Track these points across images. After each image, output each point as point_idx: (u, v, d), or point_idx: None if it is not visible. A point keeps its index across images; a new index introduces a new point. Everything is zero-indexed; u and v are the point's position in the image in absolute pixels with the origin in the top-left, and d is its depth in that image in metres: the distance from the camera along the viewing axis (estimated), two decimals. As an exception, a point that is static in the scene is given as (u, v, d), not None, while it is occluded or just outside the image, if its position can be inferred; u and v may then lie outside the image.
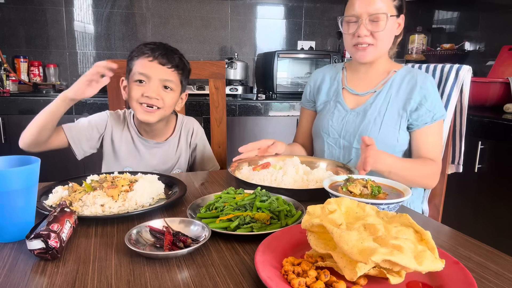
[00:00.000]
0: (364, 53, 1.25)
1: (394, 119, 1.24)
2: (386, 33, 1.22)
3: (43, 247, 0.63)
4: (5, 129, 2.27)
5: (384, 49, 1.26)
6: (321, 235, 0.60)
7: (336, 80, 1.39)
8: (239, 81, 2.92)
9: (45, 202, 0.86)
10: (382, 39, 1.22)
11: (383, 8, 1.19)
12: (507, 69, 2.35)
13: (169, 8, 3.02)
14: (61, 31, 2.87)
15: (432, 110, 1.21)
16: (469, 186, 2.01)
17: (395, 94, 1.26)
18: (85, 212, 0.82)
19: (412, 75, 1.27)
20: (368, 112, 1.27)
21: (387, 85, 1.28)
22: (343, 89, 1.36)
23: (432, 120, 1.21)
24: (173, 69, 1.23)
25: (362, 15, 1.20)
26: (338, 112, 1.33)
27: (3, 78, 2.62)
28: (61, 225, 0.67)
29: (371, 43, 1.23)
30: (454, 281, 0.55)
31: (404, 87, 1.26)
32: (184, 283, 0.58)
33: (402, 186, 0.87)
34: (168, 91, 1.23)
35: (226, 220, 0.75)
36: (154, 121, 1.23)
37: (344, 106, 1.32)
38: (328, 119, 1.34)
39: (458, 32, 2.93)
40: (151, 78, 1.20)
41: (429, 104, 1.21)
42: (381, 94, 1.28)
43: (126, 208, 0.85)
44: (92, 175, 0.98)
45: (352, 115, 1.30)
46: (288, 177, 1.01)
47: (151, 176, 0.98)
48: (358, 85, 1.34)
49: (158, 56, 1.20)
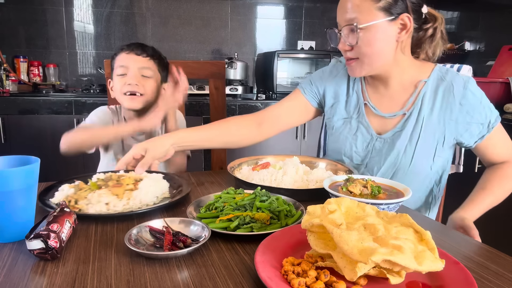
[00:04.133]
0: (350, 69, 1.08)
1: (429, 147, 1.07)
2: (370, 45, 1.00)
3: (42, 247, 0.63)
4: (5, 129, 2.27)
5: (377, 63, 1.04)
6: (321, 235, 0.60)
7: (355, 91, 1.17)
8: (239, 81, 2.92)
9: (52, 200, 0.87)
10: (365, 52, 1.01)
11: (358, 16, 0.98)
12: (507, 69, 2.35)
13: (169, 8, 3.02)
14: (61, 31, 2.87)
15: (484, 120, 1.04)
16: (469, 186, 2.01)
17: (429, 115, 1.06)
18: (90, 210, 0.83)
19: (447, 86, 1.05)
20: (398, 141, 1.08)
21: (417, 104, 1.07)
22: (365, 105, 1.15)
23: (489, 129, 1.05)
24: (149, 58, 1.34)
25: (340, 25, 1.03)
26: (362, 136, 1.14)
27: (3, 78, 2.62)
28: (61, 225, 0.67)
29: (355, 57, 1.04)
30: (454, 281, 0.55)
31: (439, 105, 1.05)
32: (184, 283, 0.58)
33: (402, 186, 0.87)
34: (147, 78, 1.33)
35: (226, 220, 0.75)
36: (139, 107, 1.31)
37: (370, 130, 1.13)
38: (351, 143, 1.16)
39: (458, 32, 2.93)
40: (129, 68, 1.31)
41: (477, 116, 1.04)
42: (412, 118, 1.07)
43: (130, 206, 0.85)
44: (98, 174, 0.99)
45: (379, 142, 1.12)
46: (288, 177, 1.01)
47: (156, 175, 0.99)
48: (381, 103, 1.13)
49: (134, 48, 1.33)
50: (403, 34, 1.02)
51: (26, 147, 2.31)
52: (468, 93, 1.03)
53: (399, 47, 1.04)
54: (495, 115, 1.06)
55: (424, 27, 1.07)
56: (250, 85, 3.22)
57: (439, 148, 1.08)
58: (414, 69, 1.09)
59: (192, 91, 2.66)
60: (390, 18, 0.99)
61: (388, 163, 1.11)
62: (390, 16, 0.99)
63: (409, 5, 1.00)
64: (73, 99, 2.34)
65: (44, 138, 2.33)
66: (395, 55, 1.04)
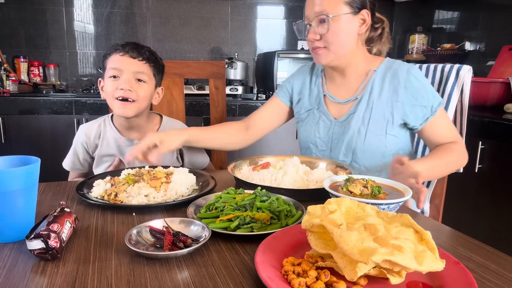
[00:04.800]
0: (317, 57, 1.19)
1: (380, 126, 1.19)
2: (337, 34, 1.14)
3: (43, 247, 0.63)
4: (5, 129, 2.27)
5: (341, 51, 1.17)
6: (321, 235, 0.60)
7: (316, 85, 1.32)
8: (239, 81, 2.92)
9: (91, 194, 0.94)
10: (332, 41, 1.14)
11: (326, 8, 1.12)
12: (507, 69, 2.35)
13: (169, 8, 3.02)
14: (61, 31, 2.87)
15: (428, 104, 1.15)
16: (469, 186, 2.01)
17: (378, 97, 1.19)
18: (132, 202, 0.89)
19: (393, 72, 1.19)
20: (352, 122, 1.21)
21: (367, 89, 1.21)
22: (325, 96, 1.29)
23: (432, 112, 1.16)
24: (144, 62, 1.26)
25: (310, 17, 1.15)
26: (324, 123, 1.28)
27: (3, 78, 2.62)
28: (61, 225, 0.67)
29: (323, 46, 1.16)
30: (455, 281, 0.55)
31: (387, 89, 1.18)
32: (184, 283, 0.58)
33: (402, 186, 0.87)
34: (141, 83, 1.26)
35: (226, 220, 0.75)
36: (131, 115, 1.24)
37: (328, 117, 1.27)
38: (315, 130, 1.29)
39: (458, 32, 2.93)
40: (123, 71, 1.23)
41: (421, 99, 1.15)
42: (363, 101, 1.21)
43: (168, 197, 0.93)
44: (126, 169, 1.05)
45: (337, 125, 1.25)
46: (288, 177, 1.01)
47: (182, 169, 1.06)
48: (338, 91, 1.28)
49: (129, 50, 1.24)
50: (362, 28, 1.18)
51: (26, 147, 2.31)
52: (411, 77, 1.16)
53: (359, 39, 1.20)
54: (438, 101, 1.17)
55: (375, 26, 1.27)
56: (250, 85, 3.22)
57: (389, 126, 1.19)
58: (367, 61, 1.25)
59: (192, 91, 2.66)
60: (353, 11, 1.14)
61: (346, 143, 1.22)
62: (353, 10, 1.14)
63: (367, 3, 1.18)
64: (73, 99, 2.34)
65: (44, 138, 2.33)
66: (356, 46, 1.19)
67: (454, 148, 1.17)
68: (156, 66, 1.30)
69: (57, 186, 1.03)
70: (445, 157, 1.14)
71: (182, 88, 1.60)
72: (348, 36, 1.16)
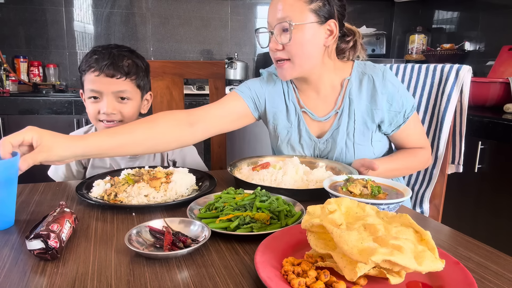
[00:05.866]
0: (281, 71, 1.09)
1: (365, 136, 1.16)
2: (301, 45, 1.03)
3: (42, 247, 0.63)
4: (5, 129, 2.27)
5: (307, 64, 1.07)
6: (321, 235, 0.60)
7: (291, 101, 1.20)
8: (239, 81, 2.92)
9: (91, 194, 0.93)
10: (296, 53, 1.04)
11: (290, 15, 1.01)
12: (507, 69, 2.35)
13: (169, 8, 3.02)
14: (61, 31, 2.87)
15: (401, 109, 1.13)
16: (469, 186, 2.01)
17: (357, 107, 1.14)
18: (132, 202, 0.89)
19: (368, 78, 1.13)
20: (338, 138, 1.15)
21: (346, 100, 1.15)
22: (303, 112, 1.19)
23: (405, 118, 1.14)
24: (124, 78, 1.12)
25: (272, 24, 1.05)
26: (306, 143, 1.20)
27: (3, 78, 2.62)
28: (61, 225, 0.67)
29: (286, 58, 1.06)
30: (454, 281, 0.55)
31: (365, 96, 1.13)
32: (184, 283, 0.58)
33: (402, 186, 0.87)
34: (125, 101, 1.15)
35: (226, 220, 0.75)
36: None
37: (311, 136, 1.19)
38: (299, 151, 1.21)
39: (458, 32, 2.93)
40: (103, 93, 1.12)
41: (395, 105, 1.12)
42: (344, 114, 1.15)
43: (168, 197, 0.92)
44: (126, 170, 1.04)
45: (322, 144, 1.18)
46: (288, 177, 1.01)
47: (182, 169, 1.06)
48: (316, 106, 1.19)
49: (104, 69, 1.10)
50: (330, 39, 1.07)
51: (26, 147, 2.31)
52: (387, 83, 1.12)
53: (326, 51, 1.10)
54: (411, 104, 1.14)
55: (346, 39, 1.18)
56: (250, 85, 3.22)
57: (374, 134, 1.17)
58: (339, 70, 1.16)
59: (192, 91, 2.66)
60: (319, 21, 1.04)
61: (335, 159, 1.18)
62: (319, 19, 1.04)
63: (335, 12, 1.07)
64: (73, 99, 2.34)
65: (44, 138, 2.32)
66: (323, 59, 1.10)
67: (418, 153, 1.19)
68: (138, 76, 1.17)
69: (57, 186, 1.03)
70: (407, 162, 1.18)
71: (182, 88, 1.60)
72: (314, 47, 1.06)
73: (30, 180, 1.05)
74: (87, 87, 1.13)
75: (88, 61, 1.13)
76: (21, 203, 0.90)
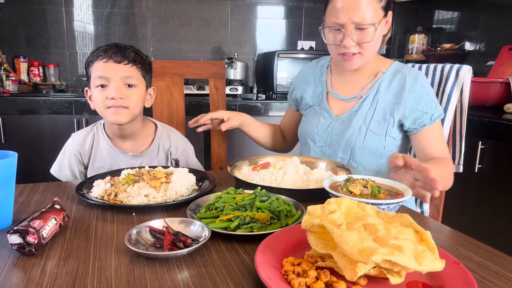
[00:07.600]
0: (350, 63, 1.17)
1: (380, 126, 1.19)
2: (376, 42, 1.14)
3: (20, 243, 0.64)
4: (5, 129, 2.27)
5: (372, 56, 1.19)
6: (321, 235, 0.60)
7: (320, 82, 1.32)
8: (239, 81, 2.92)
9: (91, 194, 0.94)
10: (370, 48, 1.14)
11: (371, 17, 1.08)
12: (507, 69, 2.35)
13: (169, 8, 3.02)
14: (61, 31, 2.87)
15: (428, 111, 1.15)
16: (469, 186, 2.01)
17: (382, 98, 1.20)
18: (132, 202, 0.89)
19: (401, 75, 1.20)
20: (354, 120, 1.21)
21: (373, 89, 1.21)
22: (327, 93, 1.30)
23: (431, 121, 1.16)
24: (131, 64, 1.18)
25: (347, 24, 1.09)
26: (324, 119, 1.27)
27: (3, 78, 2.62)
28: (44, 222, 0.68)
29: (358, 52, 1.14)
30: (454, 281, 0.55)
31: (392, 90, 1.19)
32: (184, 283, 0.58)
33: (402, 186, 0.87)
34: (132, 88, 1.18)
35: (226, 220, 0.75)
36: (125, 121, 1.18)
37: (330, 113, 1.27)
38: (314, 126, 1.29)
39: (458, 32, 2.93)
40: (110, 79, 1.15)
41: (423, 105, 1.15)
42: (367, 100, 1.21)
43: (168, 197, 0.93)
44: (126, 170, 1.05)
45: (338, 122, 1.24)
46: (288, 177, 1.01)
47: (182, 169, 1.06)
48: (344, 89, 1.27)
49: (112, 55, 1.15)
50: (386, 29, 1.17)
51: (26, 147, 2.31)
52: (417, 83, 1.17)
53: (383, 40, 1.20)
54: (439, 112, 1.18)
55: None
56: (250, 85, 3.22)
57: (390, 128, 1.19)
58: (380, 62, 1.25)
59: (192, 91, 2.66)
60: (385, 14, 1.13)
61: (345, 141, 1.22)
62: (385, 13, 1.13)
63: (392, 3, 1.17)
64: (73, 99, 2.34)
65: (44, 138, 2.33)
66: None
67: (448, 164, 1.15)
68: (143, 66, 1.22)
69: (57, 186, 1.03)
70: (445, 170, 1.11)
71: (182, 88, 1.60)
72: (380, 39, 1.16)
73: (30, 180, 1.05)
74: (94, 75, 1.17)
75: (95, 52, 1.19)
76: (21, 203, 0.90)
